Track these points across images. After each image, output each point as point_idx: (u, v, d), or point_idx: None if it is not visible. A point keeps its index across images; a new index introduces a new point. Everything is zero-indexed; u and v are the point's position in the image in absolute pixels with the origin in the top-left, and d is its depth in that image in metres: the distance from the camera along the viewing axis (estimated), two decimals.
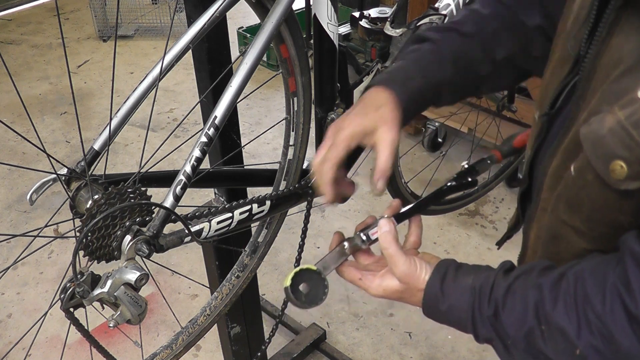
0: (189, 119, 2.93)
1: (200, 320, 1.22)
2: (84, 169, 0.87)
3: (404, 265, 0.76)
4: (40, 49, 3.98)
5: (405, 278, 0.76)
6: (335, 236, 0.89)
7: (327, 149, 0.79)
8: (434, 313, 0.76)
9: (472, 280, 0.73)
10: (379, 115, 0.76)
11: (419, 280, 0.75)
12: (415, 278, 0.76)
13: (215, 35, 1.06)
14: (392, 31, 1.25)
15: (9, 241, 2.33)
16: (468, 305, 0.71)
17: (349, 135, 0.77)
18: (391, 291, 0.79)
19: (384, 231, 0.79)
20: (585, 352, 0.61)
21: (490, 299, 0.70)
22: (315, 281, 0.86)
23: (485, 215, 2.57)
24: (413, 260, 0.77)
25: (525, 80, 0.95)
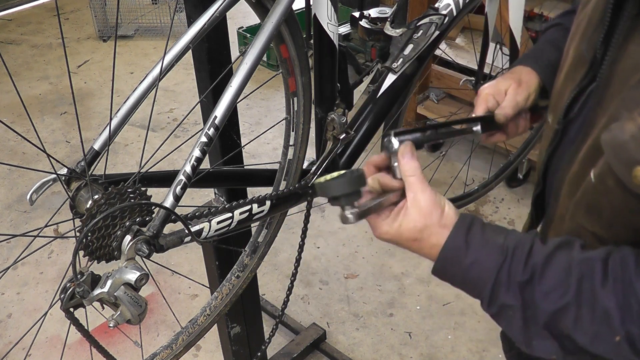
0: (189, 119, 2.93)
1: (200, 320, 1.22)
2: (84, 169, 0.87)
3: (431, 193, 0.69)
4: (40, 49, 3.98)
5: (429, 208, 0.68)
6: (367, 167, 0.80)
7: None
8: (450, 266, 0.68)
9: (503, 239, 0.67)
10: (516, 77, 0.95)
11: (444, 216, 0.69)
12: (440, 212, 0.69)
13: (215, 35, 1.06)
14: (392, 31, 1.25)
15: (9, 241, 2.33)
16: (495, 264, 0.65)
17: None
18: (408, 228, 0.69)
19: (407, 156, 0.72)
20: (625, 340, 0.58)
21: (526, 264, 0.64)
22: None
23: (485, 215, 2.57)
24: (436, 192, 0.71)
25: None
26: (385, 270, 2.33)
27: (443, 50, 2.76)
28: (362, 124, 1.22)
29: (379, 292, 2.24)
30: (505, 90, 0.93)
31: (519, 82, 0.93)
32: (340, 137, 1.13)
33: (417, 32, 1.23)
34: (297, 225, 1.79)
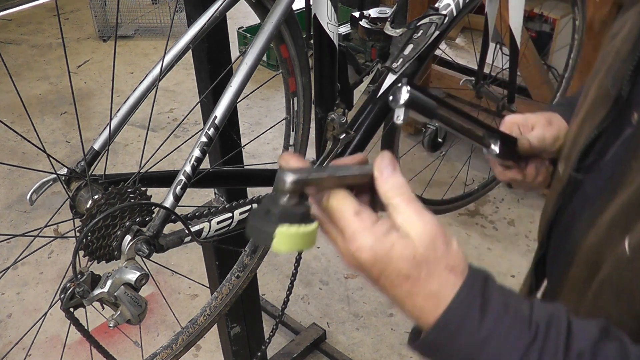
0: (189, 119, 2.93)
1: (200, 320, 1.22)
2: (84, 169, 0.87)
3: (432, 218, 0.50)
4: (40, 49, 3.97)
5: (431, 236, 0.49)
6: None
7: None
8: (452, 336, 0.48)
9: (528, 309, 0.48)
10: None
11: (451, 253, 0.49)
12: (445, 245, 0.49)
13: (215, 35, 1.06)
14: (392, 31, 1.25)
15: (9, 241, 2.33)
16: (523, 344, 0.46)
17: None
18: (403, 256, 0.48)
19: (387, 171, 0.52)
20: None
21: (568, 350, 0.46)
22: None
23: (485, 215, 2.57)
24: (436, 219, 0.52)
25: None
26: None
27: (443, 50, 2.76)
28: (362, 124, 1.22)
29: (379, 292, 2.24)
30: (533, 125, 0.85)
31: (549, 122, 0.85)
32: (340, 137, 1.13)
33: (417, 32, 1.23)
34: None
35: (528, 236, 2.39)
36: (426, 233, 0.49)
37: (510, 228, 2.46)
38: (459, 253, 0.51)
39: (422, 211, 0.50)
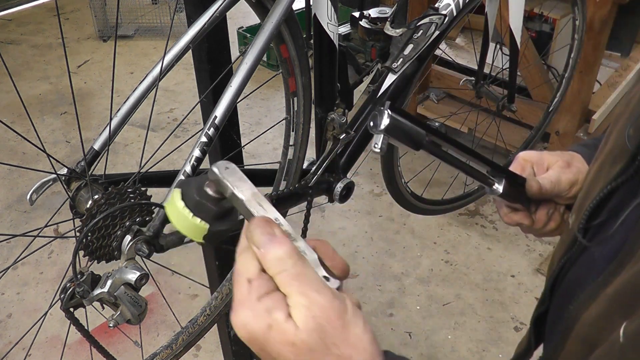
0: (189, 119, 2.93)
1: (200, 320, 1.22)
2: (84, 169, 0.87)
3: (326, 301, 0.43)
4: (40, 49, 3.97)
5: (318, 324, 0.43)
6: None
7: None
8: None
9: None
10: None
11: (349, 342, 0.44)
12: (343, 335, 0.44)
13: (215, 35, 1.06)
14: (392, 31, 1.25)
15: (9, 241, 2.33)
16: None
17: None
18: (281, 343, 0.43)
19: (265, 240, 0.45)
20: None
21: None
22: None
23: (485, 215, 2.57)
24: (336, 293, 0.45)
25: None
26: (385, 270, 2.33)
27: (443, 50, 2.76)
28: (362, 124, 1.22)
29: (379, 292, 2.24)
30: (548, 165, 0.77)
31: (568, 163, 0.77)
32: (340, 137, 1.13)
33: (417, 32, 1.23)
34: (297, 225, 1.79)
35: (528, 236, 2.39)
36: (312, 317, 0.42)
37: (510, 228, 2.46)
38: (363, 341, 0.44)
39: (312, 289, 0.43)
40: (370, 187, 2.72)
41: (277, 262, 0.43)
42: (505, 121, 2.47)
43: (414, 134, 0.59)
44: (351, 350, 0.43)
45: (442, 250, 2.41)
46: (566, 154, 0.79)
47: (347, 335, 0.43)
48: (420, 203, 1.60)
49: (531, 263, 2.29)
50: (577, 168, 0.77)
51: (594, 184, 0.57)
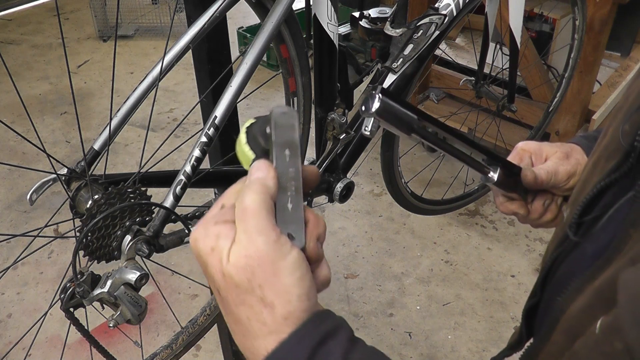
0: (189, 119, 2.93)
1: (200, 320, 1.22)
2: (84, 169, 0.87)
3: (264, 244, 0.43)
4: (40, 49, 3.97)
5: (247, 263, 0.43)
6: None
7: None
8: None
9: None
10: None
11: (276, 289, 0.43)
12: (273, 280, 0.44)
13: (215, 35, 1.06)
14: (392, 31, 1.25)
15: (9, 241, 2.33)
16: None
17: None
18: (214, 268, 0.45)
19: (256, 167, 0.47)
20: None
21: None
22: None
23: (485, 215, 2.57)
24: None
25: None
26: (385, 270, 2.33)
27: (443, 50, 2.76)
28: (362, 124, 1.22)
29: (379, 292, 2.24)
30: (547, 155, 0.77)
31: (567, 155, 0.76)
32: (340, 137, 1.13)
33: (417, 32, 1.23)
34: None
35: (528, 236, 2.39)
36: (244, 255, 0.43)
37: (510, 228, 2.46)
38: (290, 293, 0.43)
39: (257, 231, 0.44)
40: (370, 187, 2.72)
41: (241, 197, 0.45)
42: (505, 121, 2.47)
43: (405, 118, 0.60)
44: (275, 298, 0.43)
45: (442, 250, 2.41)
46: (566, 145, 0.78)
47: (275, 283, 0.43)
48: (420, 203, 1.60)
49: (531, 263, 2.29)
50: (576, 160, 0.76)
51: (589, 179, 0.57)
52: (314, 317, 0.44)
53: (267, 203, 0.45)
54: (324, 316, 0.45)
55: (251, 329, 0.44)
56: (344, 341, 0.44)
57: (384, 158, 1.42)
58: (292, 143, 0.48)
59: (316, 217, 0.49)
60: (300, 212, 0.48)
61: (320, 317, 0.45)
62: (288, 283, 0.43)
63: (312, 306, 0.45)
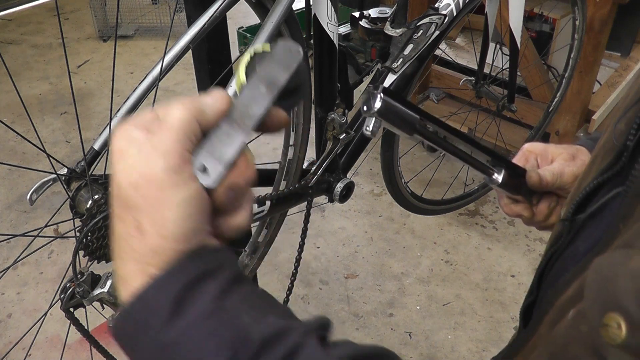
0: None
1: None
2: (84, 169, 0.87)
3: (170, 167, 0.40)
4: (40, 49, 3.98)
5: (135, 180, 0.40)
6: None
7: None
8: (137, 326, 0.39)
9: (251, 320, 0.40)
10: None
11: (159, 215, 0.40)
12: (157, 203, 0.40)
13: (215, 35, 1.06)
14: (392, 31, 1.25)
15: (9, 241, 2.33)
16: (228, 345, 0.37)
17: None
18: (121, 174, 0.41)
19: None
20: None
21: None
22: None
23: (485, 215, 2.57)
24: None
25: None
26: (385, 270, 2.33)
27: (443, 50, 2.76)
28: (362, 124, 1.22)
29: (379, 292, 2.24)
30: (553, 157, 0.76)
31: (573, 156, 0.75)
32: (340, 137, 1.13)
33: (417, 32, 1.23)
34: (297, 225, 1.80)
35: (528, 236, 2.39)
36: (138, 171, 0.40)
37: (510, 228, 2.46)
38: (166, 227, 0.40)
39: (161, 152, 0.40)
40: (370, 187, 2.72)
41: (169, 110, 0.43)
42: (505, 121, 2.47)
43: (407, 118, 0.59)
44: (149, 227, 0.40)
45: (442, 250, 2.41)
46: (572, 147, 0.77)
47: (155, 212, 0.40)
48: (420, 203, 1.60)
49: (531, 263, 2.29)
50: (582, 161, 0.75)
51: (585, 177, 0.57)
52: (188, 257, 0.40)
53: (191, 126, 0.42)
54: (203, 256, 0.41)
55: (122, 249, 0.42)
56: (223, 282, 0.40)
57: (384, 158, 1.42)
58: (274, 82, 0.44)
59: (246, 166, 0.45)
60: (232, 151, 0.43)
61: (197, 256, 0.41)
62: (168, 217, 0.40)
63: (193, 249, 0.41)
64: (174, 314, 0.38)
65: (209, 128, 0.43)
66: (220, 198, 0.43)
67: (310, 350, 0.39)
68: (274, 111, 0.46)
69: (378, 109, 0.58)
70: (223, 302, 0.39)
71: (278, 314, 0.42)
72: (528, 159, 0.76)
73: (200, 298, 0.39)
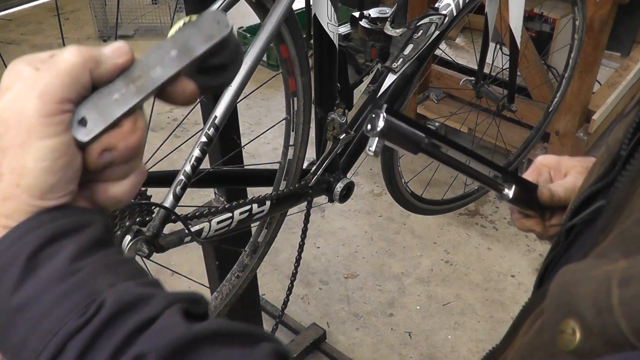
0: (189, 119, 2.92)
1: None
2: None
3: (43, 108, 0.37)
4: (40, 49, 3.96)
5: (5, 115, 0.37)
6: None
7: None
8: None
9: (102, 279, 0.37)
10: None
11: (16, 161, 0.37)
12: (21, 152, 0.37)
13: None
14: (392, 31, 1.25)
15: None
16: (68, 329, 0.34)
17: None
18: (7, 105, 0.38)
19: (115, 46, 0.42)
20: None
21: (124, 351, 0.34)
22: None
23: (485, 215, 2.57)
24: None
25: None
26: (385, 270, 2.33)
27: (443, 50, 2.76)
28: (362, 124, 1.22)
29: (379, 292, 2.24)
30: (566, 170, 0.73)
31: (586, 169, 0.72)
32: (340, 137, 1.13)
33: (417, 32, 1.23)
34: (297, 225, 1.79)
35: (528, 236, 2.39)
36: (11, 108, 0.37)
37: (510, 228, 2.46)
38: (25, 180, 0.37)
39: (39, 90, 0.37)
40: (370, 187, 2.72)
41: (62, 51, 0.40)
42: (505, 121, 2.47)
43: (411, 137, 0.59)
44: (6, 171, 0.37)
45: (442, 250, 2.41)
46: (586, 159, 0.74)
47: (15, 157, 0.37)
48: (420, 203, 1.60)
49: (531, 263, 2.29)
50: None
51: (584, 185, 0.57)
52: (44, 213, 0.37)
53: (80, 74, 0.39)
54: (64, 214, 0.38)
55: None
56: (82, 242, 0.37)
57: (384, 158, 1.42)
58: (188, 50, 0.40)
59: (131, 131, 0.40)
60: (119, 110, 0.39)
61: (56, 214, 0.37)
62: (27, 166, 0.36)
63: (50, 205, 0.38)
64: (24, 274, 0.35)
65: (102, 81, 0.40)
66: (93, 158, 0.39)
67: (169, 321, 0.37)
68: (182, 81, 0.42)
69: (381, 129, 0.56)
70: (77, 263, 0.36)
71: (140, 282, 0.39)
72: (541, 172, 0.73)
73: (53, 258, 0.36)
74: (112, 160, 0.40)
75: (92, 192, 0.41)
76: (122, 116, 0.39)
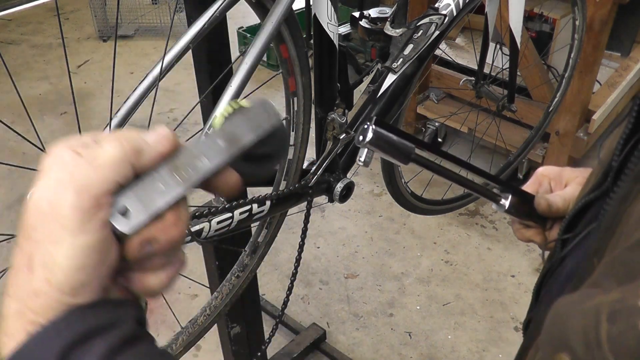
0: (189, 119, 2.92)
1: (200, 320, 1.22)
2: None
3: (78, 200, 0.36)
4: (40, 49, 3.97)
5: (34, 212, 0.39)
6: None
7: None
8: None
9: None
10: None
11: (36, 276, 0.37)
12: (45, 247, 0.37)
13: (215, 35, 1.06)
14: (392, 31, 1.25)
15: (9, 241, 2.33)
16: None
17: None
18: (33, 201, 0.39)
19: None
20: None
21: None
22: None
23: (485, 215, 2.57)
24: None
25: None
26: (385, 270, 2.33)
27: (443, 50, 2.76)
28: (362, 124, 1.22)
29: (379, 292, 2.24)
30: (567, 181, 0.72)
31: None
32: (340, 137, 1.13)
33: (417, 32, 1.23)
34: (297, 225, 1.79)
35: None
36: (47, 199, 0.37)
37: (510, 228, 2.46)
38: (55, 277, 0.36)
39: (78, 183, 0.36)
40: (370, 187, 2.72)
41: (103, 142, 0.39)
42: (505, 121, 2.47)
43: (401, 148, 0.60)
44: (39, 266, 0.36)
45: (442, 250, 2.41)
46: (587, 170, 0.72)
47: (48, 252, 0.36)
48: (420, 203, 1.60)
49: (531, 263, 2.29)
50: None
51: (579, 196, 0.56)
52: (75, 311, 0.36)
53: (122, 168, 0.37)
54: (95, 310, 0.37)
55: (10, 283, 0.38)
56: (114, 341, 0.36)
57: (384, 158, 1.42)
58: (236, 140, 0.40)
59: (174, 223, 0.39)
60: (162, 201, 0.38)
61: (87, 311, 0.36)
62: (59, 262, 0.36)
63: (82, 303, 0.37)
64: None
65: (145, 170, 0.38)
66: (133, 250, 0.38)
67: None
68: (227, 172, 0.41)
69: (369, 140, 0.58)
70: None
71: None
72: (542, 183, 0.73)
73: (84, 359, 0.35)
74: (152, 253, 0.39)
75: (127, 280, 0.40)
76: (165, 208, 0.38)
